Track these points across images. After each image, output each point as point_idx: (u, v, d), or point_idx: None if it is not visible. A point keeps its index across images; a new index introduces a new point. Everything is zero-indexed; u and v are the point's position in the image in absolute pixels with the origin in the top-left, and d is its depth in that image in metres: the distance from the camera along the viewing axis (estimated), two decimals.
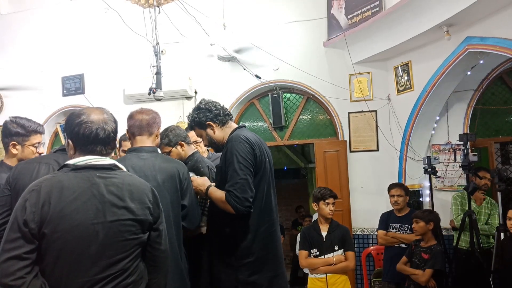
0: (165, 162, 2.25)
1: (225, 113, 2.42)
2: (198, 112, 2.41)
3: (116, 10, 5.06)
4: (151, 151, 2.25)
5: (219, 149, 2.45)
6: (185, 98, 5.59)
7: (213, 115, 2.39)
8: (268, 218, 2.31)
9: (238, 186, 2.13)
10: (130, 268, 1.53)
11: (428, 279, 3.41)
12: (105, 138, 1.58)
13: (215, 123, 2.39)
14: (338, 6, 5.01)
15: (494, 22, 3.67)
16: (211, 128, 2.40)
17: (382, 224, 4.26)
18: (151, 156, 2.22)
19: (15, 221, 1.42)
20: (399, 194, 4.15)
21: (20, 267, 1.37)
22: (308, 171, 9.51)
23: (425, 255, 3.52)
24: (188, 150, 2.71)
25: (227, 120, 2.43)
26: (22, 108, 5.59)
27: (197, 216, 2.35)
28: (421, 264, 3.52)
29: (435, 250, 3.51)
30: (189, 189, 2.29)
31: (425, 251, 3.55)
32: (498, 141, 5.13)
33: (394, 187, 4.23)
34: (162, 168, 2.18)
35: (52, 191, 1.45)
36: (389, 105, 4.97)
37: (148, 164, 2.17)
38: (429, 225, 3.57)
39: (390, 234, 4.15)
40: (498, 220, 4.14)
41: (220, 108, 2.43)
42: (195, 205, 2.34)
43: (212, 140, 2.43)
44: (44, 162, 2.08)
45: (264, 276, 2.24)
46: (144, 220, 1.57)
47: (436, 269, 3.43)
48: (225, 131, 2.41)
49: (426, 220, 3.57)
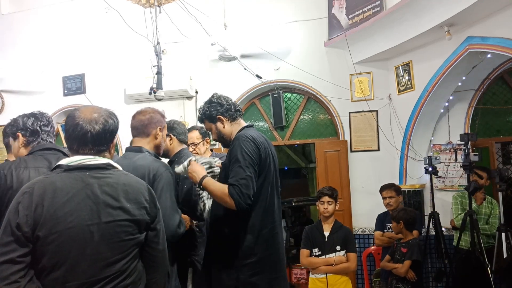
0: (141, 162, 2.18)
1: (235, 109, 2.42)
2: (209, 105, 2.40)
3: (117, 10, 5.04)
4: (136, 151, 2.25)
5: (226, 144, 2.44)
6: (186, 98, 5.60)
7: (224, 110, 2.38)
8: (271, 220, 2.30)
9: (243, 182, 2.11)
10: (128, 269, 1.51)
11: (406, 270, 3.58)
12: (90, 137, 1.53)
13: (225, 117, 2.39)
14: (339, 6, 5.00)
15: (495, 22, 3.67)
16: (221, 122, 2.39)
17: (379, 225, 4.31)
18: (134, 156, 2.21)
19: (8, 224, 1.40)
20: (391, 196, 4.22)
21: (14, 271, 1.36)
22: (308, 171, 9.51)
23: (404, 249, 3.70)
24: (176, 146, 2.71)
25: (237, 116, 2.42)
26: (23, 108, 5.57)
27: (167, 223, 2.02)
28: (401, 258, 3.68)
29: (412, 243, 3.69)
30: (161, 192, 2.09)
31: (403, 245, 3.73)
32: (499, 141, 5.13)
33: (385, 189, 4.28)
34: (136, 167, 2.12)
35: (45, 193, 1.43)
36: (390, 105, 4.96)
37: (126, 163, 2.13)
38: (400, 224, 3.75)
39: (386, 234, 4.20)
40: (498, 220, 4.13)
41: (232, 103, 2.42)
42: (167, 210, 2.07)
43: (221, 134, 2.42)
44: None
45: (265, 278, 2.23)
46: (141, 220, 1.54)
47: (414, 260, 3.58)
48: (234, 127, 2.41)
49: (397, 220, 3.77)
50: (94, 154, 1.55)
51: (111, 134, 1.61)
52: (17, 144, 2.19)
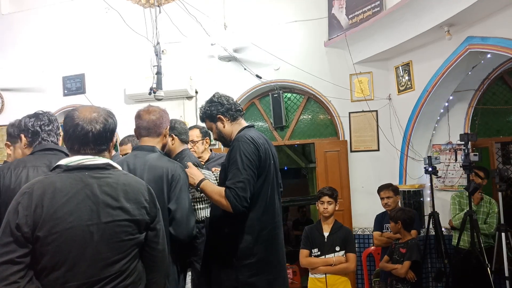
0: (157, 162, 2.15)
1: (236, 109, 2.42)
2: (210, 104, 2.41)
3: (116, 10, 5.05)
4: (148, 150, 2.21)
5: (227, 144, 2.45)
6: (186, 98, 5.60)
7: (225, 109, 2.38)
8: (271, 221, 2.30)
9: (240, 185, 2.12)
10: (128, 270, 1.51)
11: (406, 270, 3.58)
12: (91, 137, 1.53)
13: (226, 117, 2.39)
14: (339, 6, 5.00)
15: (495, 22, 3.66)
16: (221, 121, 2.40)
17: (377, 225, 4.33)
18: (146, 155, 2.17)
19: (7, 225, 1.40)
20: (389, 196, 4.24)
21: (13, 272, 1.36)
22: (308, 171, 9.52)
23: (402, 250, 3.70)
24: (177, 146, 2.69)
25: (238, 116, 2.42)
26: (23, 108, 5.58)
27: (187, 225, 2.10)
28: (400, 259, 3.68)
29: (411, 243, 3.69)
30: (180, 192, 2.11)
31: (402, 246, 3.73)
32: (499, 141, 5.12)
33: (383, 189, 4.30)
34: (151, 167, 2.11)
35: (44, 194, 1.43)
36: (390, 105, 4.96)
37: (140, 162, 2.12)
38: (398, 224, 3.75)
39: (385, 234, 4.22)
40: (496, 219, 4.14)
41: (232, 103, 2.42)
42: (185, 211, 2.11)
43: (221, 134, 2.43)
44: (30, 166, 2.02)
45: (264, 279, 2.23)
46: (141, 220, 1.54)
47: (413, 260, 3.59)
48: (234, 127, 2.41)
49: (395, 220, 3.78)
50: (95, 153, 1.55)
51: (111, 133, 1.61)
52: (21, 145, 2.18)
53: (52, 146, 2.15)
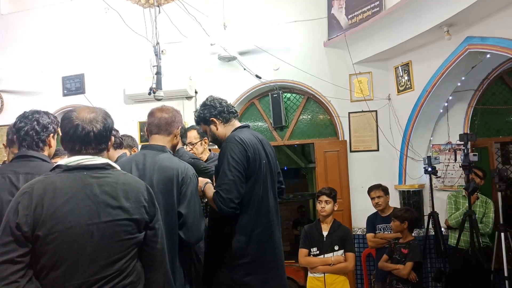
0: (167, 162, 2.10)
1: (229, 111, 2.44)
2: (203, 108, 2.45)
3: (116, 10, 5.05)
4: (158, 150, 2.17)
5: (220, 145, 2.46)
6: (186, 98, 5.60)
7: (217, 112, 2.41)
8: (265, 220, 2.30)
9: (224, 187, 2.15)
10: (128, 269, 1.52)
11: (409, 271, 3.57)
12: (92, 137, 1.54)
13: (219, 119, 2.42)
14: (339, 6, 5.00)
15: (495, 22, 3.67)
16: (214, 124, 2.43)
17: (370, 226, 4.34)
18: (157, 155, 2.13)
19: (7, 224, 1.40)
20: (379, 196, 4.26)
21: (13, 271, 1.36)
22: (308, 171, 9.52)
23: (404, 250, 3.68)
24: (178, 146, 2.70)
25: (231, 118, 2.44)
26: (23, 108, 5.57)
27: (197, 229, 2.08)
28: (401, 259, 3.66)
29: (413, 244, 3.68)
30: (190, 196, 2.08)
31: (404, 246, 3.71)
32: (498, 141, 5.12)
33: (373, 189, 4.32)
34: (161, 168, 2.07)
35: (44, 193, 1.43)
36: (390, 105, 4.96)
37: (150, 162, 2.09)
38: (404, 223, 3.73)
39: (378, 235, 4.23)
40: (492, 219, 4.15)
41: (225, 105, 2.44)
42: (197, 215, 2.09)
43: (215, 136, 2.46)
44: None
45: (258, 278, 2.24)
46: (140, 220, 1.55)
47: (416, 261, 3.58)
48: (228, 128, 2.43)
49: (401, 219, 3.74)
50: (96, 153, 1.56)
51: (110, 133, 1.63)
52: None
53: (22, 153, 1.94)
